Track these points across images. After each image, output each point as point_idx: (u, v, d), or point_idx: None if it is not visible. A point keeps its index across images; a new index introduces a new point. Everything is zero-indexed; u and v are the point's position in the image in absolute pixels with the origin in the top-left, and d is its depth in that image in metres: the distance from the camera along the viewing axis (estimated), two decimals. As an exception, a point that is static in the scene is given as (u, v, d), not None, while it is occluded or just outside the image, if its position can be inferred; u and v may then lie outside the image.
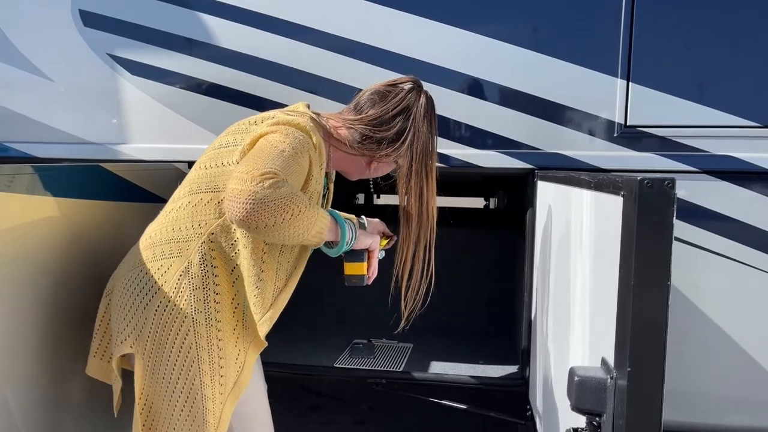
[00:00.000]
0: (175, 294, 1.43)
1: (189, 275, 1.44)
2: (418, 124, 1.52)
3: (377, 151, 1.55)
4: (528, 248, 2.16)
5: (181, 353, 1.42)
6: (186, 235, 1.46)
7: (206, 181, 1.48)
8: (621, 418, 1.01)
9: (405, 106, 1.53)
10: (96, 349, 1.61)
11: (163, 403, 1.45)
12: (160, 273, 1.46)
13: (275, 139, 1.37)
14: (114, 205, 1.94)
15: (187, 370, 1.43)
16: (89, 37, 2.28)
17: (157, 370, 1.44)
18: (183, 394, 1.43)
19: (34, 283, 1.61)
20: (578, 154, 2.11)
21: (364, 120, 1.54)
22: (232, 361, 1.47)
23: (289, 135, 1.38)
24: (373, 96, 1.57)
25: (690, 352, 2.07)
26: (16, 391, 1.55)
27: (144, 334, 1.44)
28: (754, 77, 2.02)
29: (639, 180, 0.96)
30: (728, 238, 2.06)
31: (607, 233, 1.15)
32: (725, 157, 2.05)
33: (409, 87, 1.56)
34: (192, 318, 1.43)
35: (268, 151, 1.33)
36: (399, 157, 1.54)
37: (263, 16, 2.19)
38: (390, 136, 1.52)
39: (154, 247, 1.50)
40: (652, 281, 0.98)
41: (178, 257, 1.45)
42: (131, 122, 2.30)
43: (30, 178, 1.58)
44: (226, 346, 1.45)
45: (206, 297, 1.44)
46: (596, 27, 2.07)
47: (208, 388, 1.43)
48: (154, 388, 1.45)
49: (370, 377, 2.37)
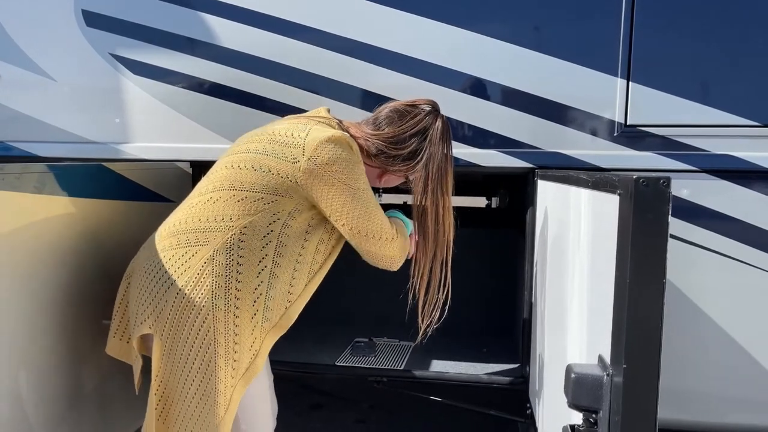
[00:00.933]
0: (197, 280, 1.50)
1: (213, 263, 1.51)
2: (434, 146, 1.64)
3: (391, 165, 1.67)
4: (528, 247, 2.17)
5: (199, 337, 1.49)
6: (214, 226, 1.53)
7: (241, 180, 1.54)
8: (617, 414, 1.02)
9: (422, 128, 1.65)
10: (116, 329, 1.70)
11: (177, 384, 1.52)
12: (184, 259, 1.53)
13: (349, 178, 1.52)
14: (116, 204, 1.95)
15: (203, 353, 1.49)
16: (92, 36, 2.30)
17: (174, 352, 1.51)
18: (198, 375, 1.50)
19: (37, 282, 1.63)
20: (578, 153, 2.11)
21: (381, 136, 1.65)
22: (246, 348, 1.53)
23: (349, 165, 1.52)
24: (391, 114, 1.67)
25: (692, 351, 2.07)
26: (36, 376, 1.60)
27: (163, 316, 1.52)
28: (755, 76, 2.02)
29: (635, 178, 0.97)
30: (728, 237, 2.06)
31: (604, 231, 1.15)
32: (725, 157, 2.05)
33: (428, 110, 1.67)
34: (212, 303, 1.49)
35: (362, 199, 1.54)
36: (412, 173, 1.66)
37: (265, 16, 2.20)
38: (405, 154, 1.64)
39: (179, 235, 1.57)
40: (648, 279, 0.99)
41: (204, 245, 1.52)
42: (133, 122, 2.32)
43: (33, 177, 1.60)
44: (242, 332, 1.51)
45: (228, 285, 1.50)
46: (596, 26, 2.07)
47: (221, 371, 1.50)
48: (170, 368, 1.52)
49: (371, 375, 2.38)
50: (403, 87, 2.15)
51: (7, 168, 1.51)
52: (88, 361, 1.83)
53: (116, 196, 1.97)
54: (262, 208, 1.52)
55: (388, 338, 2.70)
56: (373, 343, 2.58)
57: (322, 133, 1.53)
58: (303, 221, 1.56)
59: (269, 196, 1.52)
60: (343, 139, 1.53)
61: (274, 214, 1.52)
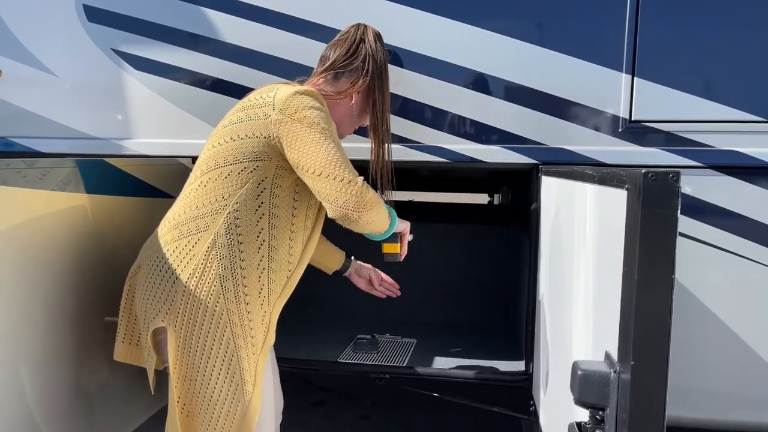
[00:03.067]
0: (203, 267, 1.55)
1: (216, 247, 1.55)
2: (374, 47, 1.80)
3: (353, 79, 1.78)
4: (532, 243, 2.16)
5: (213, 322, 1.53)
6: (211, 209, 1.58)
7: (224, 155, 1.59)
8: (624, 411, 1.01)
9: (360, 38, 1.81)
10: (123, 334, 1.72)
11: (198, 372, 1.55)
12: (187, 249, 1.57)
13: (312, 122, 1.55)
14: (117, 199, 1.95)
15: (221, 335, 1.54)
16: (93, 32, 2.29)
17: (190, 341, 1.54)
18: (219, 359, 1.54)
19: (37, 278, 1.62)
20: (583, 149, 2.10)
21: (335, 62, 1.78)
22: (259, 322, 1.59)
23: (315, 106, 1.59)
24: (332, 45, 1.83)
25: (696, 348, 2.06)
26: (39, 372, 1.59)
27: (174, 308, 1.55)
28: (760, 72, 2.01)
29: (643, 173, 0.96)
30: (733, 233, 2.05)
31: (612, 227, 1.14)
32: (730, 152, 2.04)
33: (357, 25, 1.84)
34: (221, 287, 1.54)
35: (320, 142, 1.54)
36: (366, 78, 1.78)
37: (268, 11, 2.19)
38: (358, 63, 1.78)
39: (180, 227, 1.60)
40: (657, 275, 0.98)
41: (205, 231, 1.57)
42: (135, 117, 2.31)
43: (35, 173, 1.59)
44: (253, 309, 1.58)
45: (233, 265, 1.55)
46: (601, 22, 2.06)
47: (242, 349, 1.55)
48: (189, 358, 1.55)
49: (373, 372, 2.37)
50: (405, 82, 2.14)
51: (9, 164, 1.51)
52: (91, 356, 1.83)
53: (118, 192, 1.96)
54: (247, 179, 1.57)
55: (390, 335, 2.69)
56: (376, 340, 2.58)
57: (289, 89, 1.61)
58: (288, 189, 1.60)
59: (250, 164, 1.57)
60: (310, 91, 1.62)
61: (259, 184, 1.57)
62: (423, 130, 2.17)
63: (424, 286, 3.06)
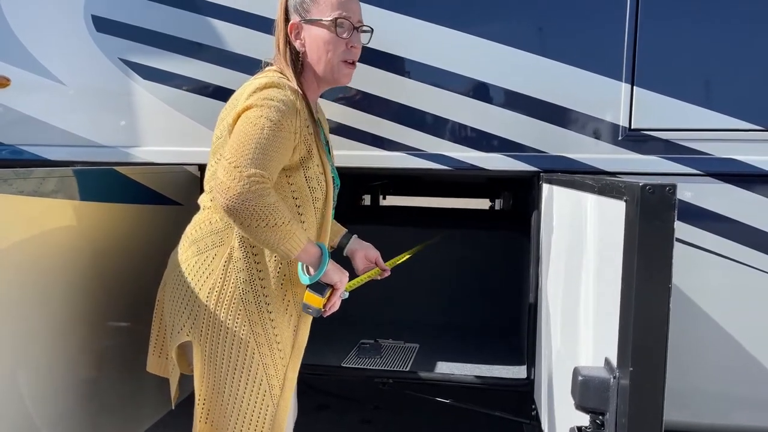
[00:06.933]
0: (222, 281, 1.57)
1: (233, 261, 1.58)
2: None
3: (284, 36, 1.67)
4: (533, 250, 2.18)
5: (237, 333, 1.56)
6: (223, 225, 1.61)
7: None
8: (624, 416, 1.04)
9: None
10: (153, 347, 1.75)
11: (225, 384, 1.57)
12: (206, 264, 1.60)
13: (253, 115, 1.48)
14: (125, 207, 1.97)
15: (245, 346, 1.56)
16: (101, 41, 2.32)
17: (215, 355, 1.57)
18: (245, 370, 1.56)
19: (48, 285, 1.65)
20: (583, 157, 2.13)
21: (276, 42, 1.69)
22: (285, 327, 1.62)
23: (265, 104, 1.49)
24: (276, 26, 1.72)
25: (694, 353, 2.08)
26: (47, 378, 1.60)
27: (198, 322, 1.58)
28: (758, 80, 2.04)
29: (641, 186, 0.99)
30: (731, 240, 2.08)
31: (611, 236, 1.17)
32: (729, 160, 2.06)
33: None
34: (241, 299, 1.57)
35: (250, 134, 1.45)
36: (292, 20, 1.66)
37: (272, 21, 2.22)
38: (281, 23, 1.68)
39: (197, 242, 1.63)
40: (654, 283, 1.01)
41: (221, 246, 1.60)
42: (143, 126, 2.34)
43: (44, 180, 1.61)
44: (277, 317, 1.60)
45: (251, 278, 1.58)
46: (601, 31, 2.09)
47: (267, 357, 1.58)
48: (214, 371, 1.57)
49: (377, 377, 2.39)
50: (406, 90, 2.17)
51: (18, 172, 1.52)
52: (100, 363, 1.85)
53: (126, 200, 1.99)
54: None
55: (393, 340, 2.72)
56: (379, 344, 2.60)
57: (262, 79, 1.58)
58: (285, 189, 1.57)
59: None
60: (281, 83, 1.56)
61: None
62: (425, 138, 2.19)
63: (427, 291, 3.09)
